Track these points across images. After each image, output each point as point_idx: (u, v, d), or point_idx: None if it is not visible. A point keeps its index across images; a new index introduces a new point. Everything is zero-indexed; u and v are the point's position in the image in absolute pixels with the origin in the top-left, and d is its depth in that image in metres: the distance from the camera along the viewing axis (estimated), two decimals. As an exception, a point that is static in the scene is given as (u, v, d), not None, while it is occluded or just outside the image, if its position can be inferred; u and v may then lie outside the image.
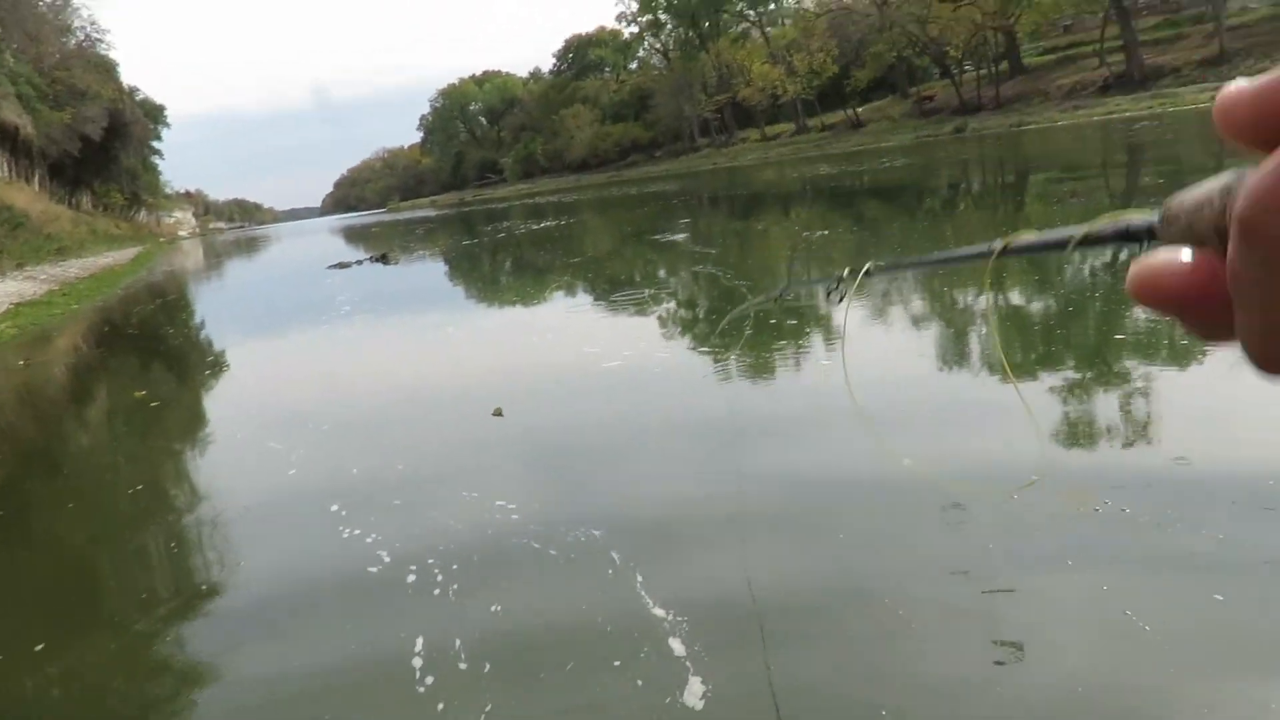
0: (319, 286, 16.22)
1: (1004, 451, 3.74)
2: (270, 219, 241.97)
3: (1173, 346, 5.07)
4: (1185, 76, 45.36)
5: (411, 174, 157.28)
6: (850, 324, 6.55)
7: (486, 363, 7.55)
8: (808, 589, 2.91)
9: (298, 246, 42.66)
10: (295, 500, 4.57)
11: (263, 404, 7.20)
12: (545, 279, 13.48)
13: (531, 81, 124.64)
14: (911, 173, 26.62)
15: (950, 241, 11.20)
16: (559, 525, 3.63)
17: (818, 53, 66.30)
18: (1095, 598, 2.61)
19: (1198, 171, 15.72)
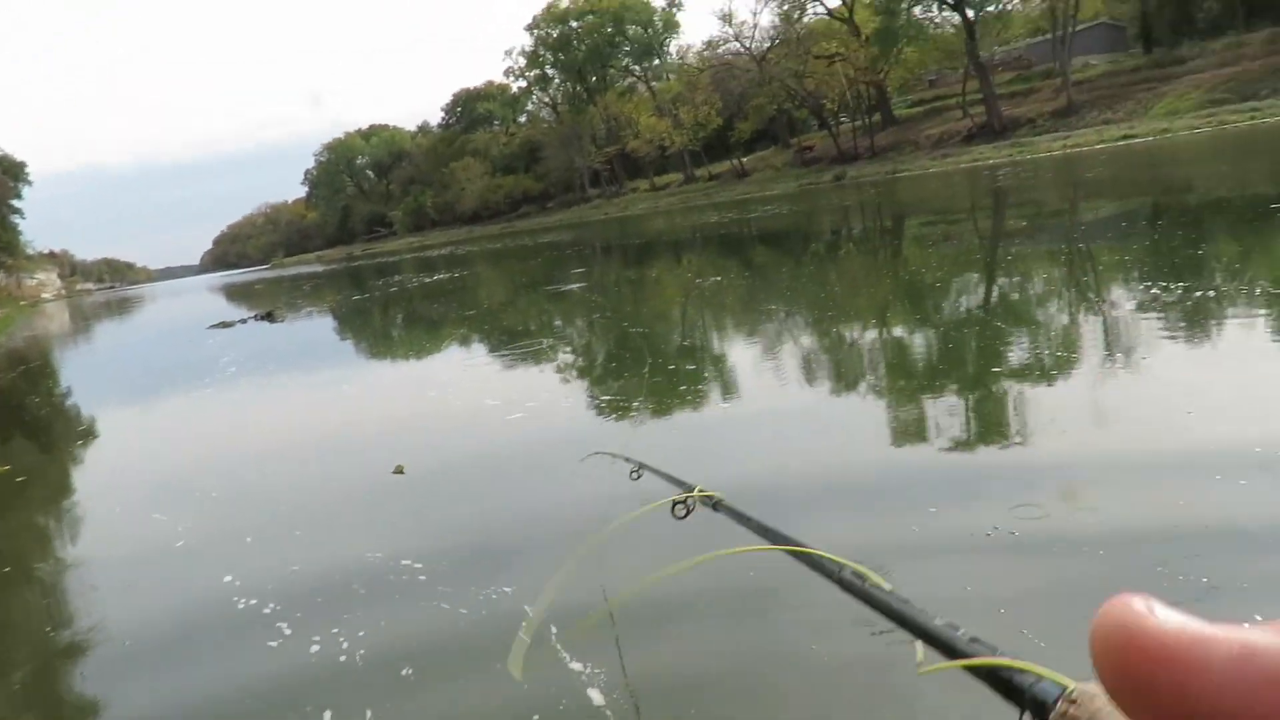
0: (200, 347, 15.51)
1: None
2: (144, 278, 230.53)
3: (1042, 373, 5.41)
4: (1040, 126, 48.98)
5: (296, 229, 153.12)
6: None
7: (385, 419, 7.35)
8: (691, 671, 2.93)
9: (175, 306, 40.77)
10: (184, 573, 4.31)
11: (144, 473, 6.80)
12: (441, 332, 13.30)
13: (420, 135, 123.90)
14: (796, 219, 27.66)
15: (834, 285, 11.66)
16: (469, 583, 3.55)
17: (702, 105, 68.55)
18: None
19: (1055, 214, 16.94)
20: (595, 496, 4.40)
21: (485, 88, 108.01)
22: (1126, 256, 9.70)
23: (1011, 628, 2.66)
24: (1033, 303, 8.16)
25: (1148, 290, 7.36)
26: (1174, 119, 39.92)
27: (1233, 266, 8.18)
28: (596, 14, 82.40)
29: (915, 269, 11.89)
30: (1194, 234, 10.49)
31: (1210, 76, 44.02)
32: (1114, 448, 4.08)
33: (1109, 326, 6.56)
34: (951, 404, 5.15)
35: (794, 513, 3.88)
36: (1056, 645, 2.41)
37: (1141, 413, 4.53)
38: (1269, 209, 11.34)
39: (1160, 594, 0.26)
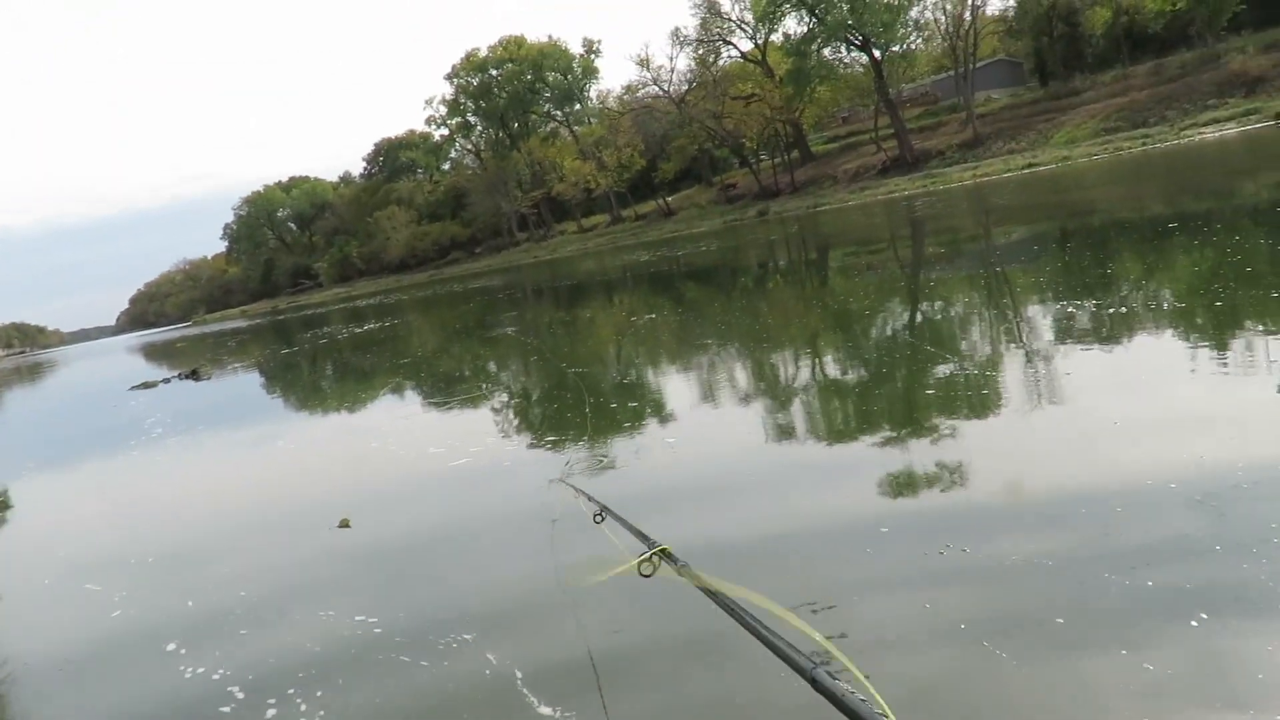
0: (122, 409, 14.97)
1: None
2: (56, 342, 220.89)
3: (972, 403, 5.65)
4: (949, 158, 51.06)
5: (217, 284, 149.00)
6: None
7: (325, 474, 7.23)
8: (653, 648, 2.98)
9: (93, 368, 39.21)
10: (124, 644, 4.17)
11: (71, 543, 6.53)
12: (375, 382, 13.12)
13: (342, 185, 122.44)
14: (724, 255, 28.18)
15: (766, 318, 11.92)
16: (427, 634, 3.53)
17: (625, 148, 69.55)
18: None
19: (971, 240, 17.67)
20: (549, 540, 4.42)
21: (407, 136, 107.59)
22: (1040, 278, 10.19)
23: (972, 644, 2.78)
24: (956, 326, 8.50)
25: (1063, 308, 7.76)
26: (1073, 147, 42.10)
27: (1140, 282, 8.67)
28: (515, 62, 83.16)
29: (842, 299, 12.25)
30: (1101, 254, 11.09)
31: (1103, 106, 46.64)
32: (1042, 468, 4.29)
33: (1029, 345, 6.88)
34: (883, 435, 5.33)
35: (737, 550, 3.97)
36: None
37: (1068, 428, 4.77)
38: (1167, 228, 12.07)
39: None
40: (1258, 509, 3.27)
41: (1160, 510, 3.44)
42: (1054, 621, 2.79)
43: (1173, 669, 2.47)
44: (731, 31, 63.42)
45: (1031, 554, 3.26)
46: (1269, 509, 3.25)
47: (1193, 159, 26.53)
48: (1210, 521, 3.24)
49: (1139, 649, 2.57)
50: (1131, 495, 3.61)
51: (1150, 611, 2.77)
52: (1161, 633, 2.64)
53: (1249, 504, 3.33)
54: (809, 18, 56.85)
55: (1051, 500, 3.77)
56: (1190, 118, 39.55)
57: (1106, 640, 2.65)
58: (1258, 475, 3.56)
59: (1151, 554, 3.09)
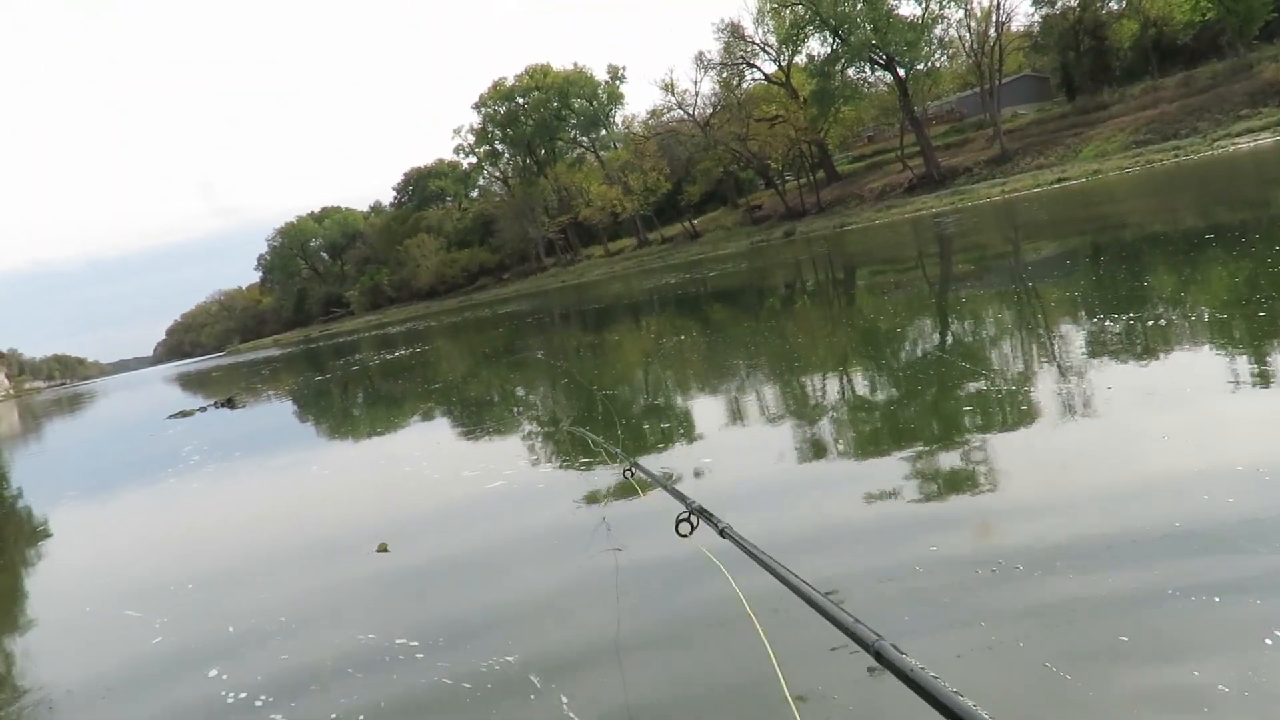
0: (160, 438, 15.18)
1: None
2: (96, 373, 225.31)
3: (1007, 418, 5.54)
4: (977, 174, 50.78)
5: (251, 314, 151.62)
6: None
7: (361, 499, 7.25)
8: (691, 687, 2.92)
9: (131, 398, 39.91)
10: (166, 671, 4.18)
11: (112, 571, 6.60)
12: (407, 408, 13.20)
13: (373, 214, 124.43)
14: (751, 276, 28.14)
15: (795, 338, 11.85)
16: (469, 656, 3.50)
17: (650, 171, 69.99)
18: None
19: (1000, 256, 17.50)
20: (591, 563, 4.39)
21: (436, 165, 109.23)
22: (1074, 292, 10.03)
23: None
24: (990, 343, 8.38)
25: (1100, 323, 7.62)
26: (1103, 160, 41.69)
27: (1177, 296, 8.50)
28: (542, 90, 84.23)
29: (871, 317, 12.14)
30: (1135, 267, 10.91)
31: (1132, 119, 46.20)
32: (1091, 484, 4.18)
33: (1066, 360, 6.76)
34: (921, 452, 5.24)
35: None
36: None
37: (1115, 443, 4.66)
38: (1202, 240, 11.85)
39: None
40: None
41: (1220, 526, 3.32)
42: (1118, 640, 2.70)
43: (1248, 691, 2.37)
44: (755, 54, 63.82)
45: (1088, 571, 3.17)
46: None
47: (1227, 170, 26.14)
48: (1275, 537, 3.13)
49: (1210, 670, 2.47)
50: (1189, 511, 3.50)
51: (1219, 631, 2.66)
52: (1233, 653, 2.54)
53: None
54: (832, 39, 57.03)
55: (1106, 517, 3.66)
56: (1223, 128, 39.04)
57: (1175, 660, 2.56)
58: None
59: (1215, 571, 2.98)
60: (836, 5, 54.91)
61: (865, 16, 53.77)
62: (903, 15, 54.45)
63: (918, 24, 53.78)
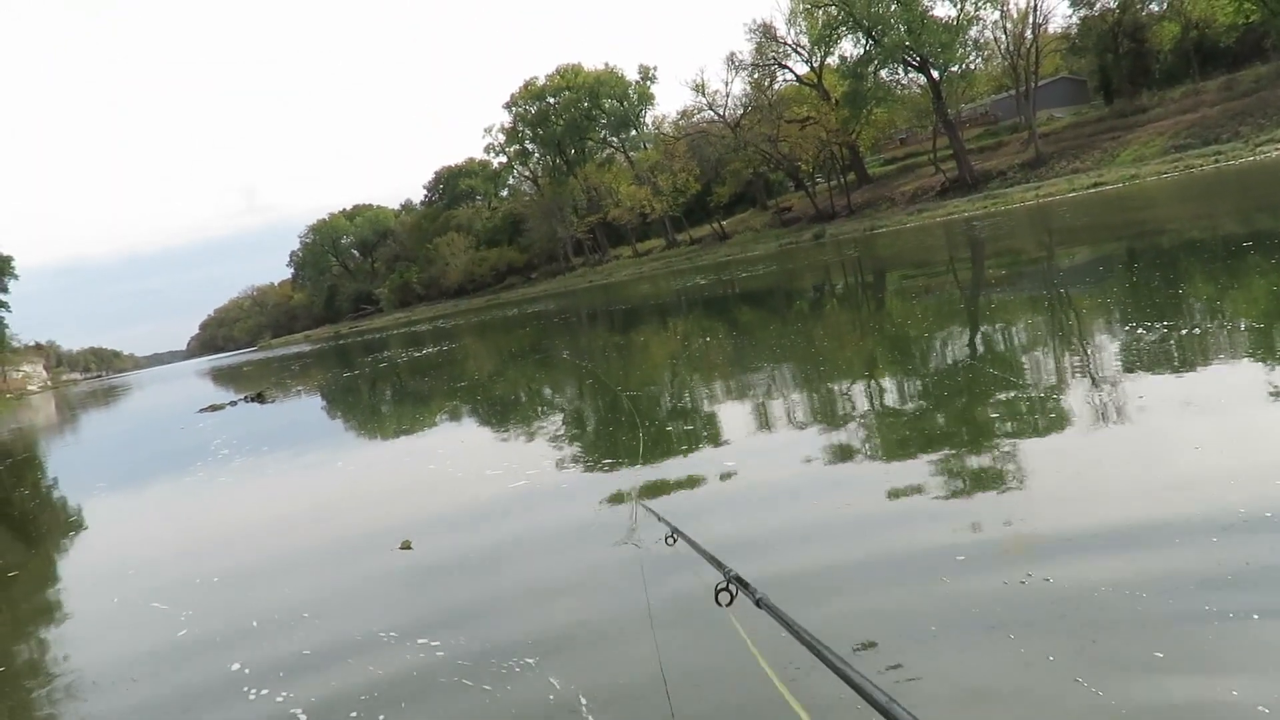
0: (191, 432, 15.39)
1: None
2: (131, 366, 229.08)
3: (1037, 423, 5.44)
4: (1010, 178, 50.11)
5: (283, 310, 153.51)
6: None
7: (386, 495, 7.29)
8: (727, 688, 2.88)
9: (164, 392, 40.55)
10: (190, 663, 4.21)
11: (140, 562, 6.67)
12: (433, 405, 13.26)
13: (403, 213, 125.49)
14: (779, 278, 27.98)
15: (822, 342, 11.74)
16: (489, 657, 3.49)
17: (680, 172, 69.84)
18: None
19: (1033, 262, 17.24)
20: (613, 564, 4.36)
21: (466, 164, 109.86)
22: (1107, 299, 9.85)
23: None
24: (1021, 350, 8.24)
25: (1133, 331, 7.47)
26: (1141, 165, 40.97)
27: (1213, 304, 8.32)
28: (573, 90, 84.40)
29: (900, 322, 12.01)
30: (1171, 274, 10.69)
31: (1172, 123, 45.35)
32: (1123, 495, 4.09)
33: (1098, 369, 6.63)
34: (951, 460, 5.16)
35: (807, 579, 3.85)
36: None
37: (1147, 454, 4.55)
38: (1240, 247, 11.59)
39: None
40: (1368, 541, 3.05)
41: (1258, 539, 3.23)
42: (1153, 656, 2.62)
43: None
44: (787, 55, 63.43)
45: (1120, 584, 3.08)
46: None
47: (1269, 176, 25.58)
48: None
49: (1250, 687, 2.39)
50: (1224, 524, 3.41)
51: (1259, 647, 2.58)
52: (1273, 671, 2.46)
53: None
54: (866, 40, 56.50)
55: (1137, 528, 3.57)
56: (1266, 133, 38.20)
57: (1213, 677, 2.48)
58: (1365, 505, 3.33)
59: (1254, 585, 2.89)
60: (870, 6, 54.40)
61: (899, 17, 53.23)
62: (937, 16, 53.89)
63: (952, 25, 53.17)
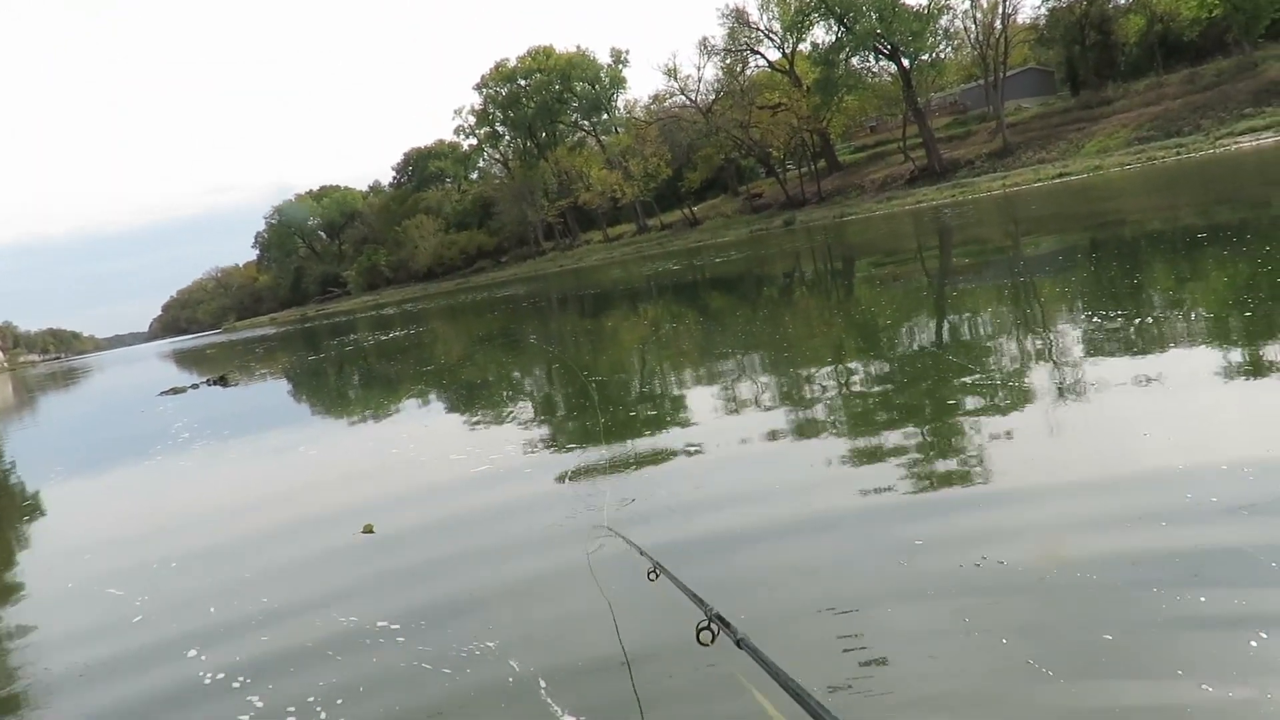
0: (151, 415, 15.13)
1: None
2: (91, 347, 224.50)
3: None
4: (978, 167, 50.62)
5: (248, 292, 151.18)
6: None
7: (348, 479, 7.21)
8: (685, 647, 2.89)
9: (124, 374, 39.81)
10: (144, 650, 4.14)
11: (94, 548, 6.55)
12: (399, 390, 13.15)
13: (371, 194, 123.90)
14: (749, 264, 28.06)
15: (790, 329, 11.80)
16: (450, 641, 3.47)
17: (651, 157, 69.65)
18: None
19: (999, 251, 17.45)
20: (575, 548, 4.36)
21: (436, 146, 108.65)
22: (1069, 289, 10.00)
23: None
24: (983, 338, 8.34)
25: (1092, 319, 7.59)
26: (1105, 156, 41.58)
27: (1170, 294, 8.47)
28: (544, 72, 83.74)
29: (867, 310, 12.11)
30: (1131, 265, 10.87)
31: (1136, 115, 46.05)
32: (1076, 480, 4.16)
33: (1057, 356, 6.73)
34: (917, 443, 5.21)
35: (764, 563, 3.88)
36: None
37: (1100, 440, 4.63)
38: (1199, 239, 11.82)
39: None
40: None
41: (1206, 525, 3.30)
42: (1101, 639, 2.67)
43: (1234, 692, 2.34)
44: (759, 41, 63.43)
45: (1073, 568, 3.14)
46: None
47: (1229, 169, 26.07)
48: (1260, 536, 3.10)
49: (1195, 670, 2.45)
50: (1173, 509, 3.48)
51: (1205, 630, 2.63)
52: (1219, 653, 2.51)
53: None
54: (837, 27, 56.67)
55: (1089, 514, 3.64)
56: (1226, 127, 38.94)
57: (1160, 660, 2.53)
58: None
59: (1201, 570, 2.96)
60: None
61: (871, 5, 53.39)
62: (908, 5, 54.12)
63: (923, 14, 53.44)
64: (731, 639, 1.69)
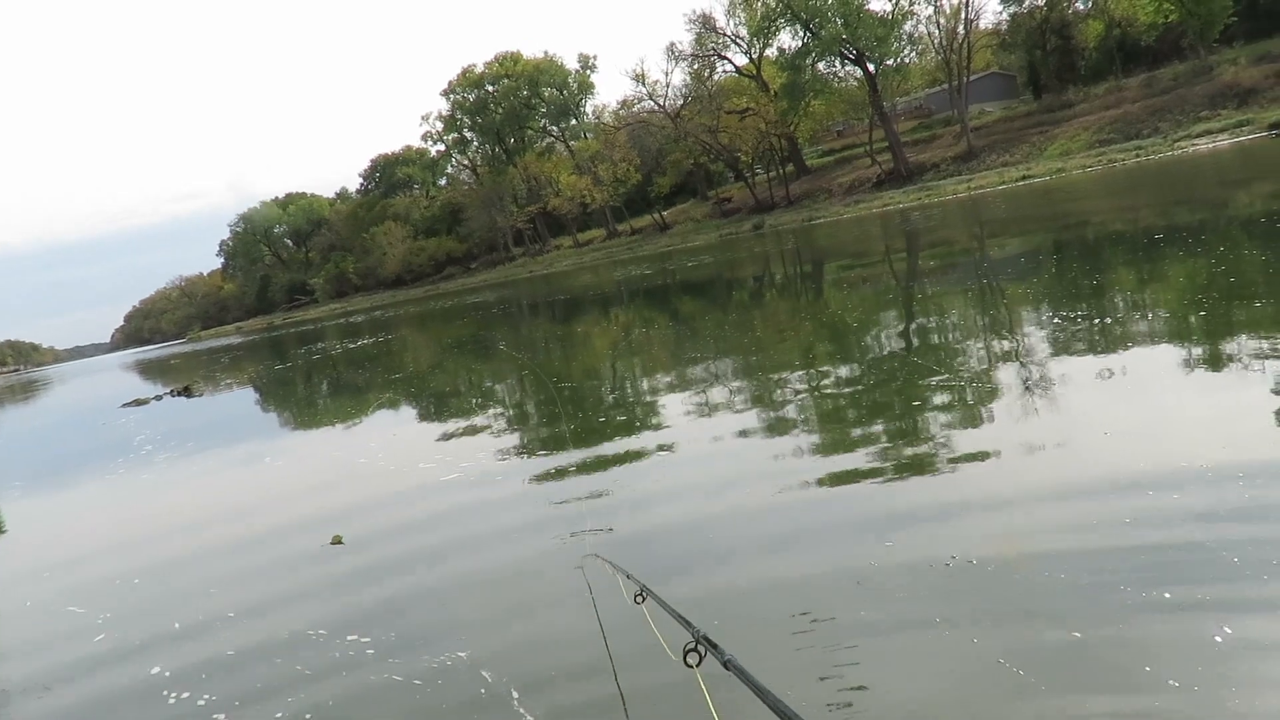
0: (113, 427, 14.83)
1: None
2: (51, 359, 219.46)
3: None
4: (944, 171, 51.21)
5: (213, 301, 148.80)
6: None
7: (317, 490, 7.12)
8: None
9: (86, 386, 39.04)
10: (107, 668, 4.05)
11: (56, 564, 6.40)
12: (368, 398, 13.01)
13: (338, 201, 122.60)
14: (719, 268, 28.14)
15: (760, 331, 11.84)
16: (420, 652, 3.43)
17: (620, 162, 69.60)
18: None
19: (965, 252, 17.65)
20: (543, 554, 4.33)
21: (403, 152, 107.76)
22: (1033, 290, 10.14)
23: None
24: (950, 340, 8.43)
25: (1056, 320, 7.70)
26: (1067, 159, 42.25)
27: (1131, 294, 8.62)
28: (511, 78, 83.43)
29: (837, 313, 12.18)
30: (1093, 265, 11.05)
31: (1097, 118, 46.83)
32: (1042, 480, 4.20)
33: (1022, 358, 6.81)
34: (884, 449, 5.25)
35: (736, 566, 3.88)
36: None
37: (1065, 440, 4.69)
38: (1157, 240, 12.04)
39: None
40: (1271, 523, 3.19)
41: (1169, 522, 3.35)
42: (1071, 636, 2.69)
43: (1200, 687, 2.37)
44: (726, 46, 63.70)
45: (1040, 567, 3.17)
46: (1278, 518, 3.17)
47: (1187, 170, 26.61)
48: (1221, 533, 3.15)
49: (1163, 667, 2.48)
50: (1137, 507, 3.52)
51: (1171, 626, 2.67)
52: (1186, 650, 2.55)
53: (1260, 514, 3.24)
54: (803, 32, 57.09)
55: (1055, 513, 3.68)
56: (1183, 129, 39.72)
57: (1127, 655, 2.56)
58: (1261, 485, 3.48)
59: (1166, 567, 3.00)
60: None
61: (836, 11, 53.84)
62: (873, 10, 54.64)
63: (888, 20, 53.99)
64: (719, 660, 1.68)
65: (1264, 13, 46.24)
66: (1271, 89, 39.71)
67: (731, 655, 1.65)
